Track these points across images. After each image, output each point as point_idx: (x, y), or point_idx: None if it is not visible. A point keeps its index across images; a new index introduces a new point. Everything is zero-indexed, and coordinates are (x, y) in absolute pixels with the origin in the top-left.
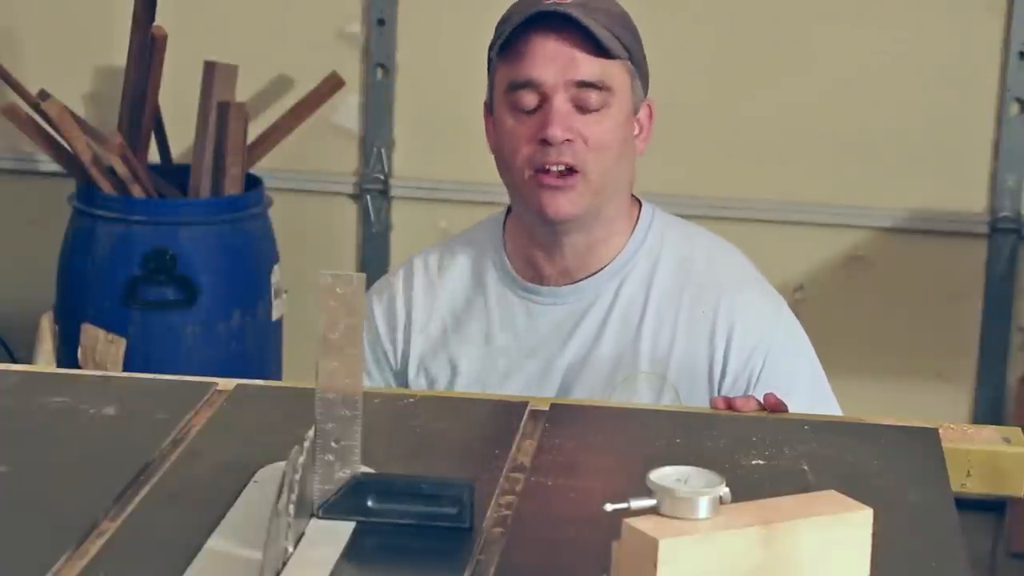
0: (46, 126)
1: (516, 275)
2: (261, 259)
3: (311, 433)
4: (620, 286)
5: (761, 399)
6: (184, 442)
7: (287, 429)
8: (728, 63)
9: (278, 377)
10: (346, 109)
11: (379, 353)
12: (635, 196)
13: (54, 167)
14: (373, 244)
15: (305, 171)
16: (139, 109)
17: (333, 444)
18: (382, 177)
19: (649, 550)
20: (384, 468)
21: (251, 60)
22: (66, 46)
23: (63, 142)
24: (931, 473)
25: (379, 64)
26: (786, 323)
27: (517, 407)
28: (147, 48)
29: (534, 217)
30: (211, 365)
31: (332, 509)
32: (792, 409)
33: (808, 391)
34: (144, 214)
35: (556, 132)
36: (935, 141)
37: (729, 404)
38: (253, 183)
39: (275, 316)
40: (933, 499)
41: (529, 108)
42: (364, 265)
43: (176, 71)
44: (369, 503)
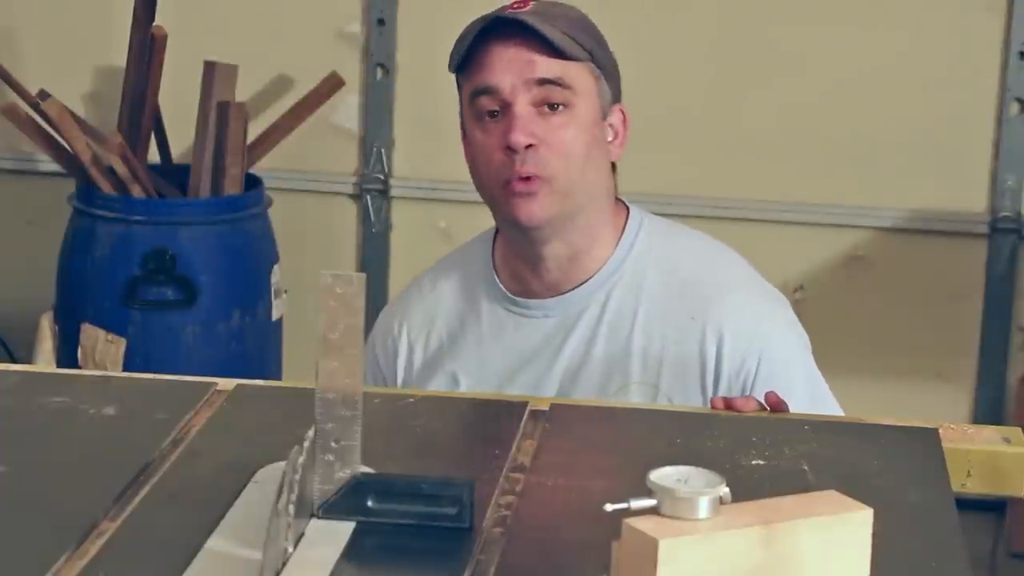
0: (46, 126)
1: (505, 290)
2: (261, 259)
3: (311, 433)
4: (608, 296)
5: (761, 399)
6: (184, 442)
7: (287, 429)
8: (728, 63)
9: (278, 377)
10: (346, 109)
11: (378, 379)
12: (623, 202)
13: (54, 167)
14: (373, 244)
15: (305, 171)
16: (139, 109)
17: (333, 444)
18: (382, 177)
19: (649, 550)
20: (384, 468)
21: (251, 60)
22: (66, 46)
23: (63, 142)
24: (931, 473)
25: (379, 64)
26: (780, 324)
27: (517, 407)
28: (147, 48)
29: (511, 227)
30: (211, 365)
31: (332, 509)
32: (791, 411)
33: (806, 392)
34: (144, 214)
35: (519, 138)
36: (935, 141)
37: (729, 404)
38: (253, 183)
39: (275, 316)
40: (933, 499)
41: (492, 110)
42: (364, 265)
43: (176, 71)
44: (369, 503)
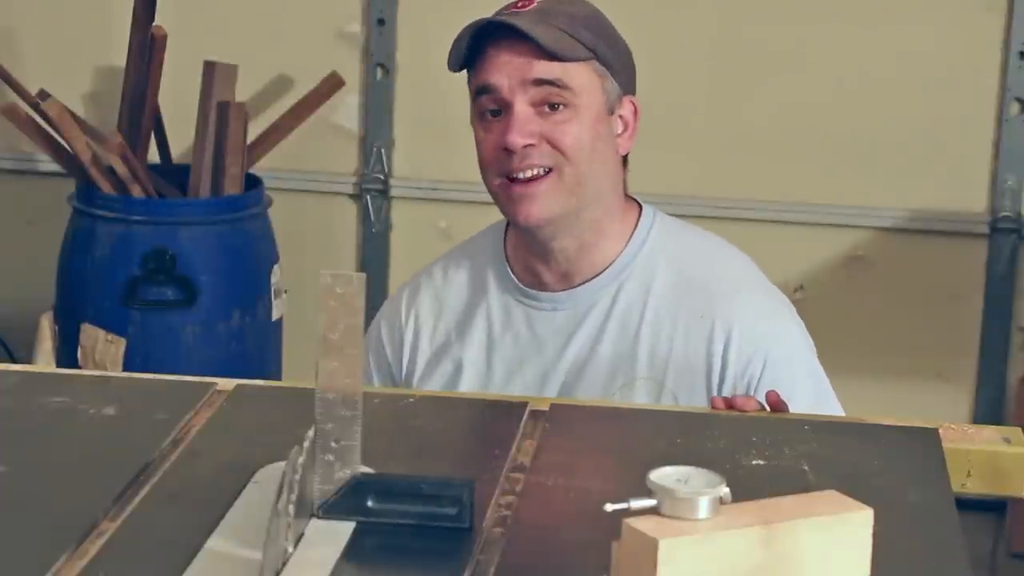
0: (46, 126)
1: (516, 281)
2: (261, 259)
3: (311, 433)
4: (618, 291)
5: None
6: (184, 442)
7: (287, 429)
8: (728, 63)
9: (278, 377)
10: (346, 109)
11: (384, 367)
12: (635, 199)
13: (54, 167)
14: (373, 244)
15: (305, 171)
16: (139, 109)
17: (333, 444)
18: (382, 177)
19: (649, 550)
20: (384, 468)
21: (251, 60)
22: (66, 46)
23: (63, 142)
24: (931, 473)
25: (379, 64)
26: (787, 327)
27: (517, 407)
28: (147, 48)
29: (514, 225)
30: (211, 365)
31: (332, 509)
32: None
33: (810, 396)
34: (144, 214)
35: (515, 139)
36: (935, 141)
37: (729, 404)
38: (253, 183)
39: (275, 316)
40: (933, 499)
41: (491, 109)
42: (364, 265)
43: (176, 71)
44: (369, 503)
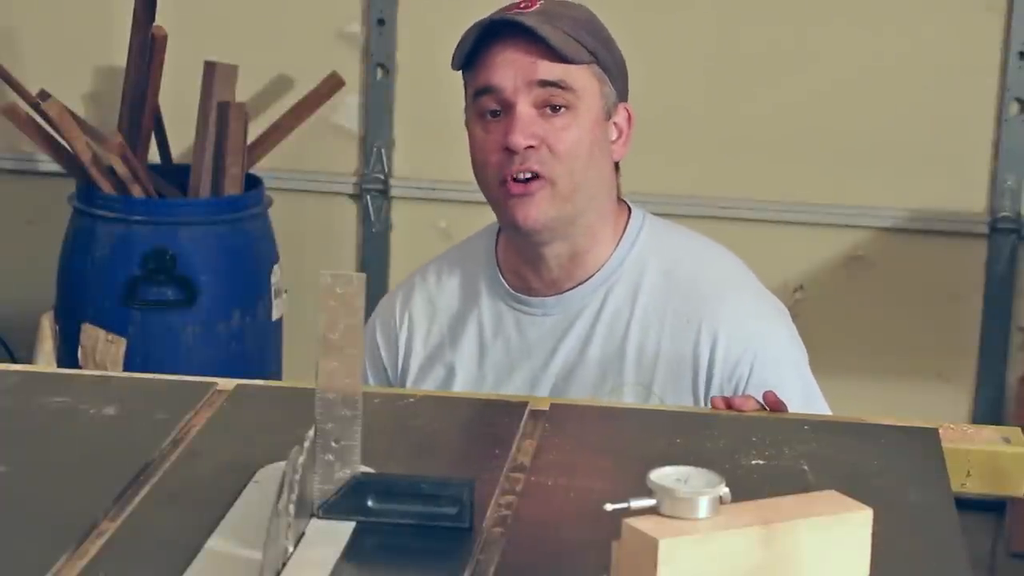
0: (46, 126)
1: (507, 286)
2: (261, 259)
3: (311, 433)
4: (607, 296)
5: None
6: (184, 442)
7: (287, 429)
8: (728, 63)
9: (278, 377)
10: (346, 109)
11: (380, 369)
12: (625, 202)
13: (54, 167)
14: (373, 244)
15: (305, 171)
16: (139, 109)
17: (333, 444)
18: (382, 177)
19: (649, 550)
20: (384, 468)
21: (251, 60)
22: (66, 46)
23: (63, 142)
24: (931, 473)
25: (379, 64)
26: (774, 329)
27: (517, 407)
28: (147, 48)
29: (510, 228)
30: (211, 365)
31: (332, 509)
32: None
33: (798, 398)
34: (144, 214)
35: (518, 139)
36: (935, 141)
37: (729, 404)
38: (253, 183)
39: (275, 316)
40: (933, 499)
41: (493, 109)
42: (364, 265)
43: (176, 71)
44: (369, 503)
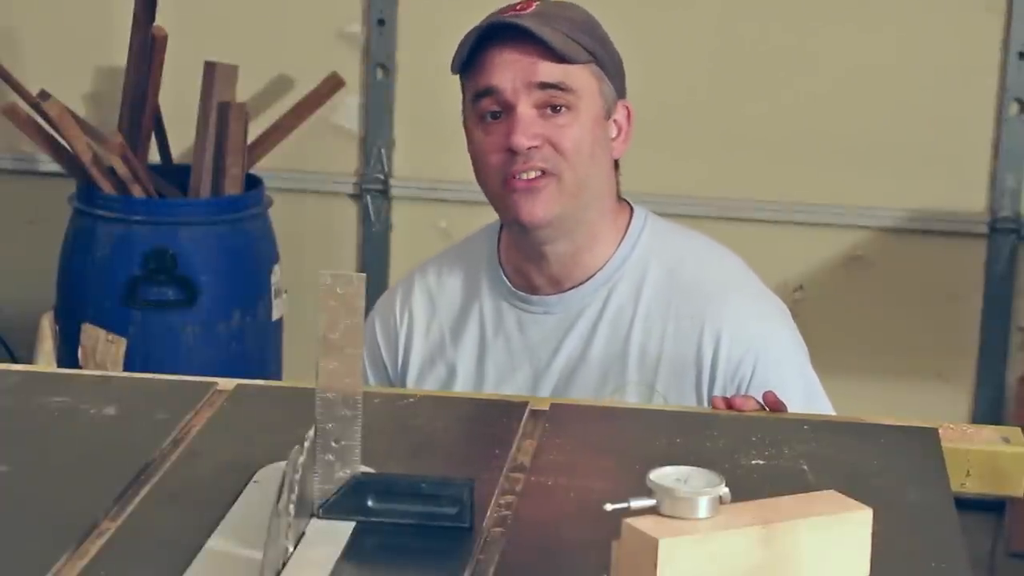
0: (46, 126)
1: (509, 285)
2: (261, 259)
3: (311, 433)
4: (609, 295)
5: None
6: (184, 442)
7: (287, 429)
8: (728, 63)
9: (278, 377)
10: (346, 109)
11: (379, 367)
12: (627, 201)
13: (54, 167)
14: (373, 244)
15: (305, 171)
16: (139, 109)
17: (333, 444)
18: (382, 177)
19: (649, 550)
20: (384, 468)
21: (251, 60)
22: (66, 46)
23: (63, 142)
24: (931, 473)
25: (379, 64)
26: (776, 329)
27: (517, 407)
28: (147, 48)
29: (514, 226)
30: (211, 365)
31: (332, 509)
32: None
33: (801, 398)
34: (144, 214)
35: (520, 140)
36: (935, 141)
37: (729, 404)
38: (253, 183)
39: (275, 316)
40: (933, 499)
41: (494, 111)
42: (364, 265)
43: (176, 71)
44: (369, 503)
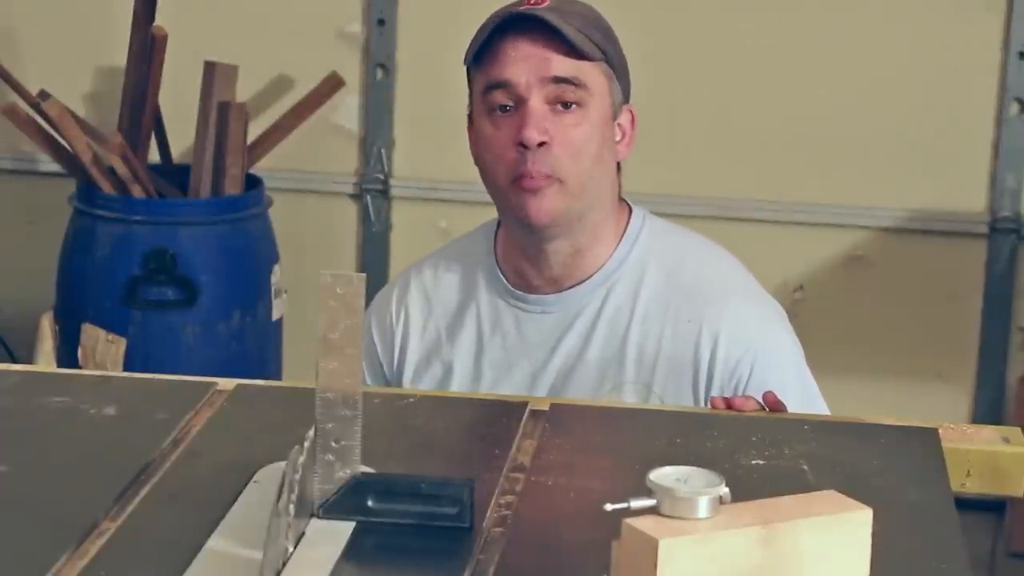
0: (46, 126)
1: (506, 283)
2: (261, 259)
3: (311, 433)
4: (607, 295)
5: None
6: (184, 442)
7: (287, 429)
8: (728, 63)
9: (278, 377)
10: (346, 109)
11: (375, 365)
12: (626, 201)
13: (54, 167)
14: (373, 244)
15: (305, 171)
16: (139, 109)
17: (333, 444)
18: (382, 177)
19: (649, 550)
20: (384, 468)
21: (251, 60)
22: (66, 46)
23: (63, 142)
24: (931, 473)
25: (379, 64)
26: (774, 331)
27: (517, 407)
28: (147, 48)
29: (517, 224)
30: (211, 365)
31: (332, 509)
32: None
33: (798, 401)
34: (144, 214)
35: (532, 134)
36: (935, 141)
37: (729, 404)
38: (253, 183)
39: (275, 316)
40: (933, 499)
41: (504, 104)
42: (364, 265)
43: (176, 71)
44: (369, 503)
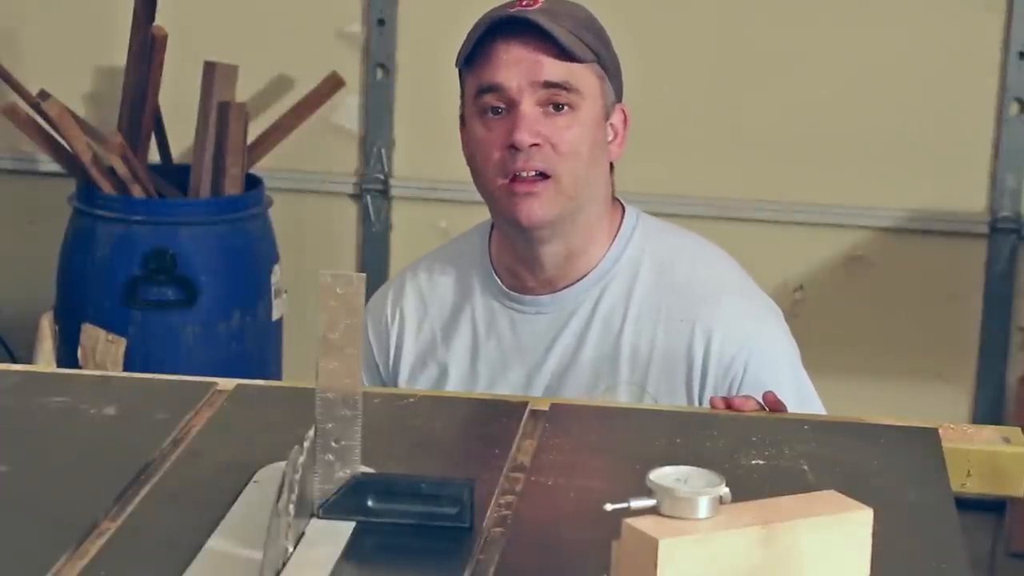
0: (46, 126)
1: (501, 285)
2: (261, 259)
3: (311, 433)
4: (601, 295)
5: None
6: (184, 442)
7: (287, 429)
8: (728, 63)
9: (278, 377)
10: (346, 109)
11: (371, 366)
12: (619, 201)
13: (54, 167)
14: (373, 244)
15: (305, 171)
16: (139, 109)
17: (333, 444)
18: (382, 177)
19: (649, 550)
20: (384, 468)
21: (251, 60)
22: (66, 46)
23: (63, 142)
24: (931, 473)
25: (379, 64)
26: (768, 330)
27: (517, 407)
28: (147, 48)
29: (509, 225)
30: (211, 365)
31: (332, 509)
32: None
33: (793, 399)
34: (144, 214)
35: (523, 137)
36: (935, 141)
37: (728, 404)
38: (253, 183)
39: (275, 316)
40: (933, 499)
41: (496, 107)
42: (364, 265)
43: (176, 71)
44: (369, 503)
